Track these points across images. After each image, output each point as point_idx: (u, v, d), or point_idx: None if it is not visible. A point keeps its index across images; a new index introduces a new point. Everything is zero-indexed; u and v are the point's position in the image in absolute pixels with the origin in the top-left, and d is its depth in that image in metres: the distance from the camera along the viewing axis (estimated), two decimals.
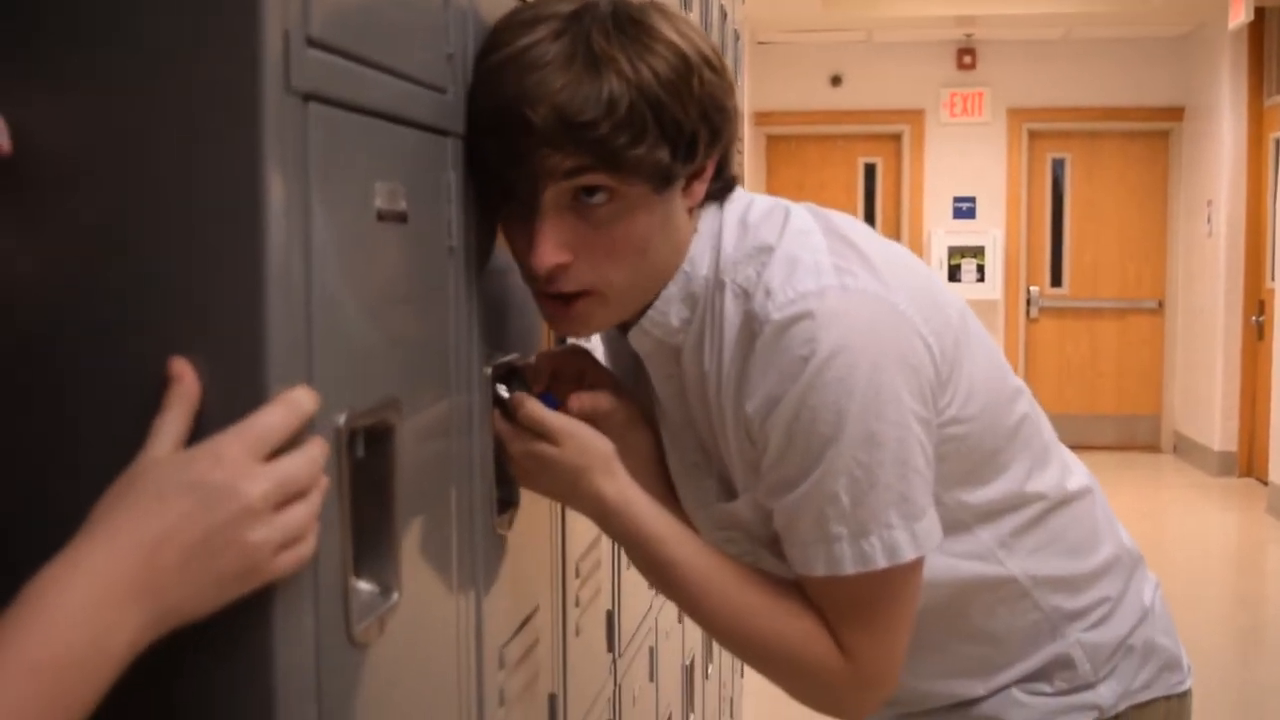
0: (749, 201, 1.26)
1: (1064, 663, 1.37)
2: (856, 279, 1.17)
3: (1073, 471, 1.41)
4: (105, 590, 0.68)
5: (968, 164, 9.05)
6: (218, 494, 0.73)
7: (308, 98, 0.81)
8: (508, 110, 1.11)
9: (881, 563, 1.17)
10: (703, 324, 1.22)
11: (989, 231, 8.99)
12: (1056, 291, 9.24)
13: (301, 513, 0.77)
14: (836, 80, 9.10)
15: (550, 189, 1.13)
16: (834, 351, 1.13)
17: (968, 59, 9.03)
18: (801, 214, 1.24)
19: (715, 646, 3.03)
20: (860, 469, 1.15)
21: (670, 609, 2.38)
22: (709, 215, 1.24)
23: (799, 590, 1.23)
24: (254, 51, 0.76)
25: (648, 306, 1.23)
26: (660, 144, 1.13)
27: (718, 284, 1.21)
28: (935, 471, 1.21)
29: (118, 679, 0.69)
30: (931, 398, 1.20)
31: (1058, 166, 9.21)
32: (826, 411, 1.14)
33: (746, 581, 1.24)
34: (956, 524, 1.28)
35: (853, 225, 1.26)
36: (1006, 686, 1.38)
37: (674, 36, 1.15)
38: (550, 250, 1.15)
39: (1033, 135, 9.12)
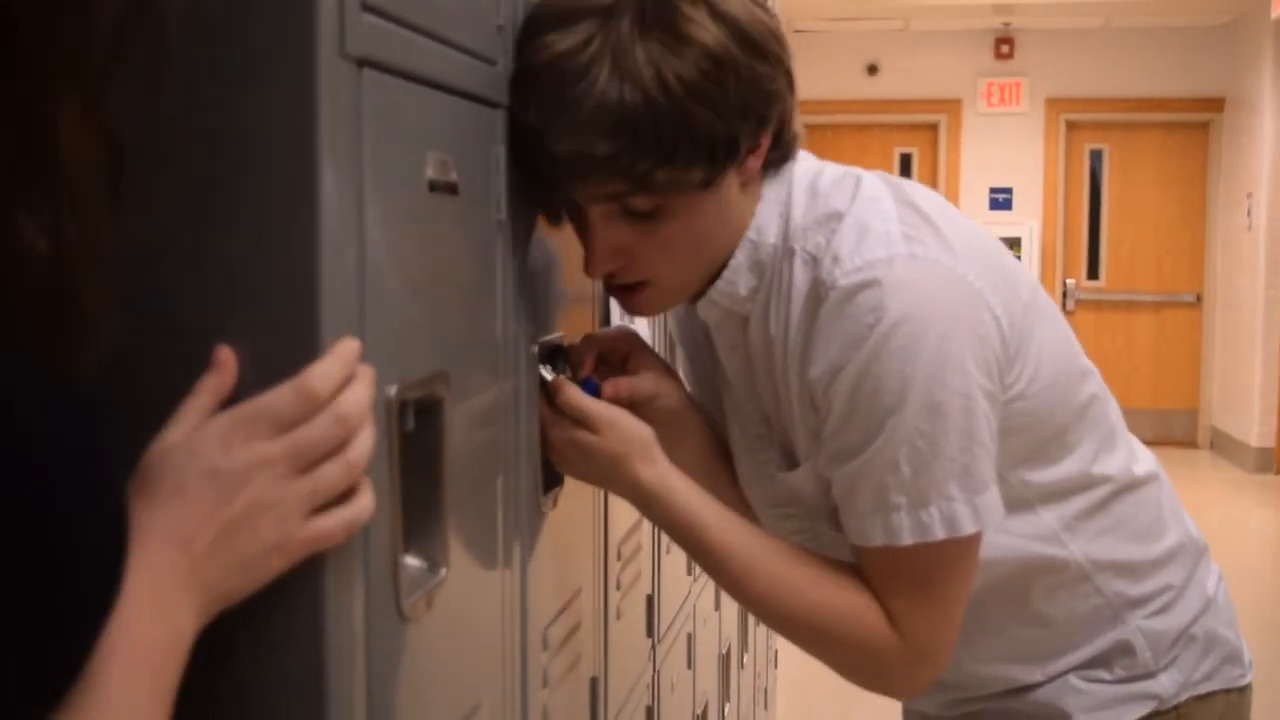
0: (820, 169, 1.25)
1: (1124, 650, 1.35)
2: (926, 248, 1.16)
3: (1139, 457, 1.39)
4: (156, 590, 0.68)
5: (1005, 154, 8.98)
6: (230, 479, 0.72)
7: (361, 63, 0.80)
8: (537, 139, 1.10)
9: (940, 534, 1.15)
10: (770, 291, 1.22)
11: (1025, 223, 8.91)
12: (1093, 284, 9.16)
13: (330, 473, 0.75)
14: (873, 69, 9.04)
15: (594, 208, 1.15)
16: (900, 320, 1.12)
17: (1005, 48, 8.96)
18: (873, 181, 1.23)
19: (750, 636, 3.01)
20: (922, 439, 1.13)
21: (707, 596, 2.36)
22: (778, 183, 1.22)
23: (849, 567, 1.22)
24: (309, 14, 0.75)
25: (715, 276, 1.23)
26: (694, 157, 1.12)
27: (786, 251, 1.20)
28: (1001, 448, 1.20)
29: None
30: (998, 371, 1.18)
31: (1095, 158, 9.13)
32: (890, 380, 1.12)
33: (793, 558, 1.22)
34: (1021, 504, 1.27)
35: (925, 195, 1.24)
36: (1064, 673, 1.35)
37: (705, 34, 1.10)
38: (602, 262, 1.18)
39: (1071, 126, 9.04)
